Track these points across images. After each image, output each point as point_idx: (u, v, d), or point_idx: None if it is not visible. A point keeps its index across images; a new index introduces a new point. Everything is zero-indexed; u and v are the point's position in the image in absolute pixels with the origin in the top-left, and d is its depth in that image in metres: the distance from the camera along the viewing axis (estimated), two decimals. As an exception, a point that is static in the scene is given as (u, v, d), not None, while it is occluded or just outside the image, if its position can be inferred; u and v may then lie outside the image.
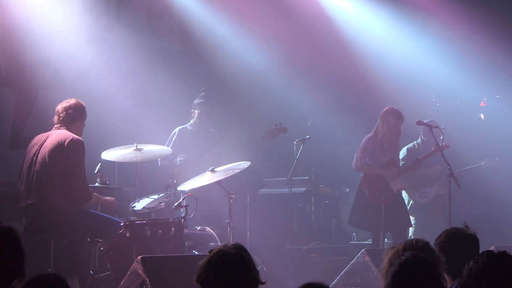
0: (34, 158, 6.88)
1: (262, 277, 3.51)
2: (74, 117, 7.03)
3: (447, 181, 8.20)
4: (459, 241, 4.38)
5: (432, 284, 3.34)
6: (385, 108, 8.48)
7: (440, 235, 4.46)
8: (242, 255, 3.47)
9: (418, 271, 3.35)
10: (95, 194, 7.04)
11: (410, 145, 9.55)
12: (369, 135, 8.51)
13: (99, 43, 9.75)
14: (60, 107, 7.05)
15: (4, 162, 8.99)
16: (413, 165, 8.60)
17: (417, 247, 3.83)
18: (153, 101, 10.14)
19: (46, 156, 6.82)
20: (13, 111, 9.38)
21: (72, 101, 7.08)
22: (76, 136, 6.92)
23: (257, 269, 3.51)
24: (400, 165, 8.73)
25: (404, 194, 9.16)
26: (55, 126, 7.05)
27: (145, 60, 10.25)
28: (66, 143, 6.81)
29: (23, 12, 8.94)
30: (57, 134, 6.92)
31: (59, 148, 6.80)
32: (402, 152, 9.22)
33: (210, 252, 3.50)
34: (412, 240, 3.96)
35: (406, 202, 9.12)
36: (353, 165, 8.50)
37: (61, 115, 7.01)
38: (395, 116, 8.39)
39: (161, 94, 10.13)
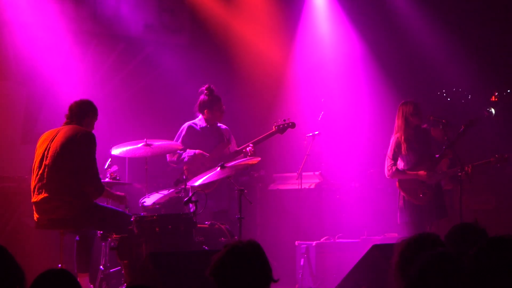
0: (45, 152, 6.92)
1: (274, 274, 3.52)
2: (87, 114, 7.13)
3: (455, 176, 8.14)
4: (469, 236, 4.35)
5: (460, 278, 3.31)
6: (399, 104, 8.34)
7: (450, 230, 4.43)
8: (257, 252, 3.50)
9: (448, 266, 3.33)
10: (106, 188, 7.06)
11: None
12: (392, 137, 8.36)
13: (108, 39, 9.77)
14: (74, 103, 7.15)
15: (16, 157, 9.02)
16: (445, 154, 8.28)
17: (429, 241, 3.80)
18: (161, 97, 10.15)
19: (58, 149, 6.86)
20: (24, 107, 9.42)
21: (86, 100, 7.20)
22: (87, 130, 7.01)
23: (271, 267, 3.52)
24: None
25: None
26: (66, 121, 7.11)
27: (155, 56, 10.26)
28: (77, 137, 6.88)
29: (34, 10, 8.98)
30: (68, 129, 6.99)
31: (71, 141, 6.86)
32: None
33: (225, 246, 3.51)
34: (423, 233, 3.92)
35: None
36: (386, 174, 8.40)
37: (74, 110, 7.10)
38: (410, 107, 8.23)
39: (170, 90, 10.14)
